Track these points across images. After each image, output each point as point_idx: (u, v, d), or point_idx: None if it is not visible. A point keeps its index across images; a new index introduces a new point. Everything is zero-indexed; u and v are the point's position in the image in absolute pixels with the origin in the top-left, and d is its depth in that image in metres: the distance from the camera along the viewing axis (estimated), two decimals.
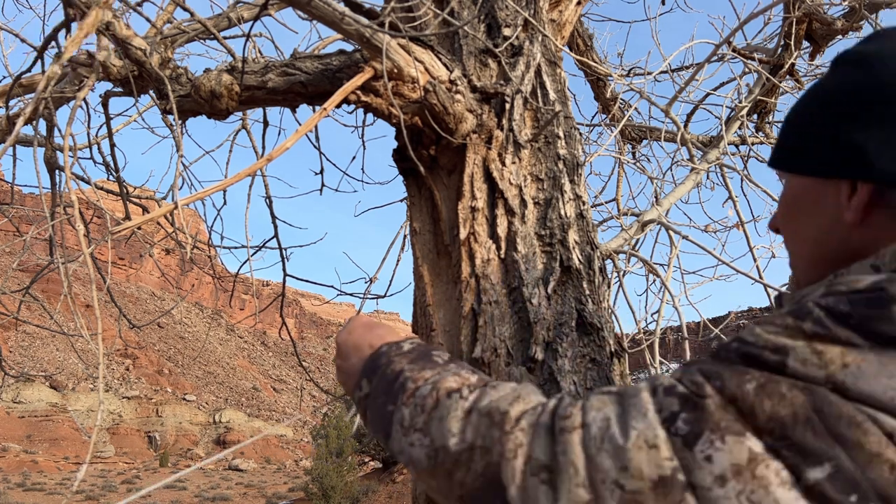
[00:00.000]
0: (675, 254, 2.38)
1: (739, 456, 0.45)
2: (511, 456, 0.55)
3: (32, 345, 65.24)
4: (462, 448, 0.59)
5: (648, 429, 0.49)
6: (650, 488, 0.46)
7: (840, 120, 0.64)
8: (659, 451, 0.47)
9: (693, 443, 0.47)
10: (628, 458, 0.48)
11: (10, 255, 31.16)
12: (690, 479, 0.46)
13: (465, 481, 0.58)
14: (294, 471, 53.96)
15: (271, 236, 2.07)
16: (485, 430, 0.58)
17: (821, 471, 0.43)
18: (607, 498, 0.47)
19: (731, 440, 0.46)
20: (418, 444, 0.63)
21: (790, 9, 2.56)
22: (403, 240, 2.11)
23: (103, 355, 1.14)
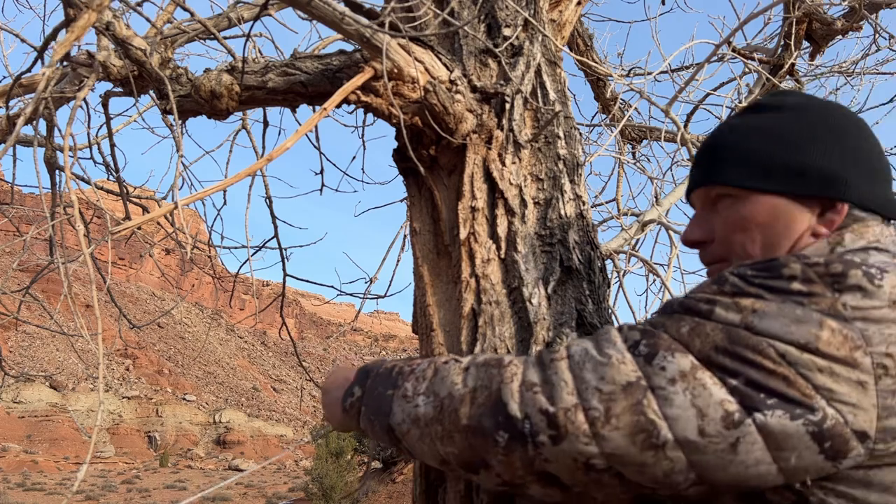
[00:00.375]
0: (675, 254, 2.38)
1: (684, 365, 0.64)
2: (509, 381, 0.70)
3: (32, 345, 65.24)
4: (465, 391, 0.73)
5: (618, 352, 0.67)
6: (621, 390, 0.64)
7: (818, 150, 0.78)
8: (626, 365, 0.66)
9: (651, 359, 0.65)
10: (604, 370, 0.66)
11: (10, 255, 31.19)
12: (650, 383, 0.64)
13: (470, 413, 0.71)
14: (294, 471, 53.96)
15: (271, 236, 2.07)
16: (483, 374, 0.74)
17: (736, 381, 0.62)
18: (590, 399, 0.65)
19: (679, 355, 0.64)
20: (423, 403, 0.76)
21: (790, 9, 2.56)
22: (403, 240, 2.11)
23: (103, 355, 1.14)
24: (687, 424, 0.62)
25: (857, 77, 2.92)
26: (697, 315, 0.66)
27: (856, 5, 2.58)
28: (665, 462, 0.63)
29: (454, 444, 0.73)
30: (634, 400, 0.63)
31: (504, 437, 0.68)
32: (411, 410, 0.77)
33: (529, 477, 0.69)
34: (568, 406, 0.65)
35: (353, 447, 21.30)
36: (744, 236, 0.82)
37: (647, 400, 0.63)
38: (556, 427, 0.65)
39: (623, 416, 0.63)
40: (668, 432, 0.62)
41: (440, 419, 0.74)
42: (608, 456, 0.64)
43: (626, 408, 0.63)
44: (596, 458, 0.64)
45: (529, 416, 0.67)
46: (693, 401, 0.62)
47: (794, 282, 0.64)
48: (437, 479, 1.14)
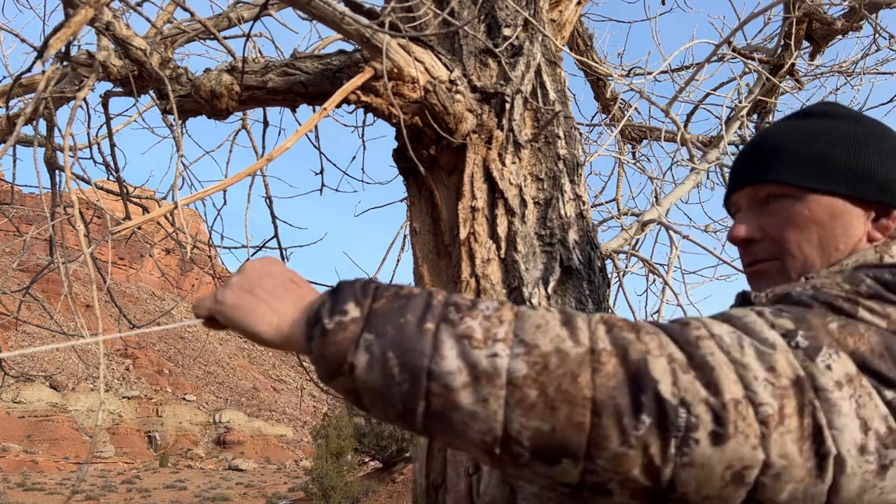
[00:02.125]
0: (675, 254, 2.38)
1: (850, 368, 0.55)
2: (657, 354, 0.55)
3: (32, 345, 65.27)
4: (583, 350, 0.55)
5: (777, 340, 0.56)
6: (792, 384, 0.53)
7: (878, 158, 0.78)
8: (790, 355, 0.55)
9: (815, 354, 0.55)
10: (774, 359, 0.54)
11: (10, 255, 31.19)
12: (815, 383, 0.54)
13: (595, 381, 0.54)
14: (294, 471, 53.96)
15: (271, 236, 2.07)
16: (604, 335, 0.57)
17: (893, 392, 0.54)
18: (761, 391, 0.53)
19: (844, 356, 0.55)
20: (507, 355, 0.55)
21: (790, 9, 2.56)
22: (403, 240, 2.11)
23: (103, 355, 1.14)
24: (852, 438, 0.52)
25: (857, 77, 2.92)
26: (840, 314, 0.58)
27: (856, 5, 2.58)
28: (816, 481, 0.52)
29: (553, 417, 0.53)
30: (806, 399, 0.53)
31: (645, 423, 0.52)
32: (484, 361, 0.55)
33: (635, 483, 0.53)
34: (737, 398, 0.52)
35: (353, 447, 21.31)
36: (800, 235, 0.80)
37: (819, 402, 0.53)
38: (722, 423, 0.51)
39: (793, 419, 0.52)
40: (832, 444, 0.52)
41: (541, 381, 0.54)
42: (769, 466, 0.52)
43: (795, 408, 0.53)
44: (754, 468, 0.52)
45: (688, 403, 0.52)
46: (858, 411, 0.53)
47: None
48: (437, 479, 1.14)
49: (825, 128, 0.82)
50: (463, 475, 1.08)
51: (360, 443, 21.86)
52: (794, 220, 0.80)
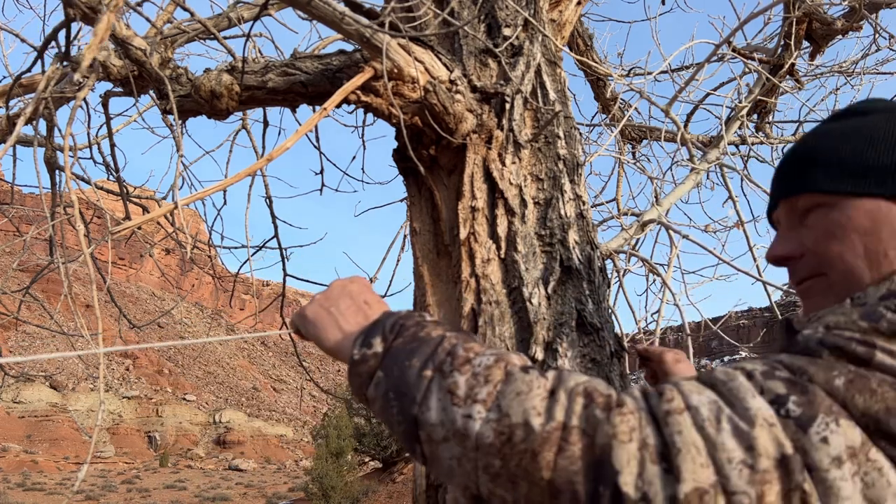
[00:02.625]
0: (675, 253, 2.38)
1: (853, 439, 0.46)
2: (626, 439, 0.50)
3: (32, 345, 65.25)
4: (552, 427, 0.52)
5: (760, 409, 0.48)
6: (775, 466, 0.46)
7: None
8: (776, 429, 0.47)
9: (808, 425, 0.46)
10: (753, 436, 0.47)
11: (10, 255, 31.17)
12: (806, 460, 0.46)
13: (557, 463, 0.51)
14: (294, 471, 53.97)
15: (271, 236, 2.07)
16: (581, 411, 0.53)
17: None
18: (734, 477, 0.46)
19: (845, 423, 0.46)
20: (480, 419, 0.55)
21: (790, 9, 2.56)
22: (403, 240, 2.11)
23: (103, 355, 1.14)
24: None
25: (857, 77, 2.92)
26: (853, 361, 0.49)
27: (856, 5, 2.58)
28: None
29: (514, 490, 0.53)
30: (794, 483, 0.45)
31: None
32: (458, 419, 0.56)
33: None
34: (703, 486, 0.46)
35: (353, 447, 21.32)
36: (841, 246, 0.70)
37: (809, 486, 0.45)
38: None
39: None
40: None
41: (504, 453, 0.53)
42: None
43: (779, 495, 0.45)
44: None
45: (648, 497, 0.47)
46: (864, 491, 0.45)
47: None
48: (437, 479, 1.14)
49: (859, 126, 0.74)
50: None
51: (360, 443, 21.87)
52: (833, 230, 0.72)
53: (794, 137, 2.99)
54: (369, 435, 22.11)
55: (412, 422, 0.60)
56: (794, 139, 2.98)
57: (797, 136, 3.00)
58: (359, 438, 21.88)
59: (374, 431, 22.10)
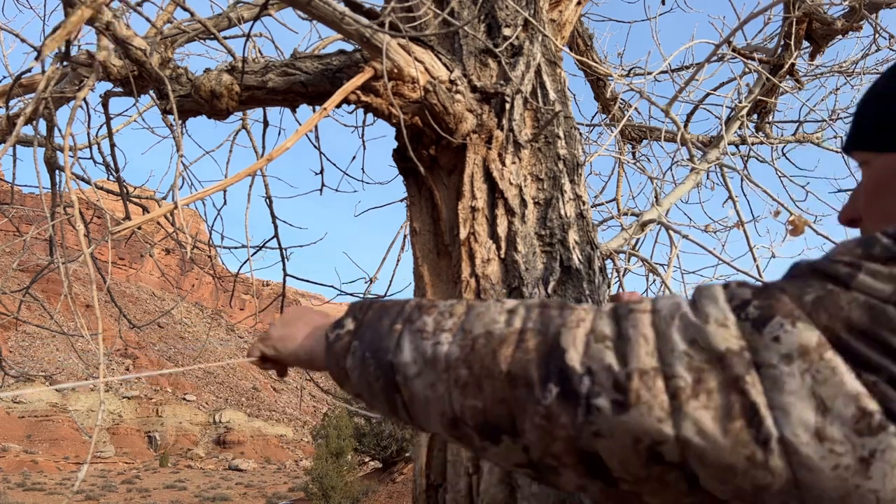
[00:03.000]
0: (675, 253, 2.38)
1: (808, 339, 0.46)
2: (573, 326, 0.54)
3: (32, 345, 65.27)
4: (510, 331, 0.57)
5: (719, 311, 0.50)
6: (715, 360, 0.48)
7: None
8: (728, 329, 0.49)
9: (762, 326, 0.48)
10: (697, 332, 0.49)
11: (10, 255, 31.24)
12: (756, 357, 0.47)
13: (515, 356, 0.55)
14: (294, 471, 53.97)
15: (271, 236, 2.07)
16: (537, 316, 0.58)
17: (876, 377, 0.44)
18: (675, 364, 0.49)
19: (802, 326, 0.47)
20: (447, 341, 0.60)
21: (790, 9, 2.56)
22: (403, 240, 2.11)
23: (103, 355, 1.14)
24: (800, 419, 0.45)
25: (857, 77, 2.92)
26: (833, 280, 0.49)
27: (856, 5, 2.58)
28: (760, 472, 0.46)
29: (481, 394, 0.56)
30: (733, 374, 0.47)
31: (552, 392, 0.52)
32: (428, 348, 0.61)
33: (568, 457, 0.53)
34: (645, 368, 0.49)
35: (353, 447, 21.32)
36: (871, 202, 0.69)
37: (751, 377, 0.47)
38: (623, 390, 0.49)
39: (716, 394, 0.47)
40: (772, 426, 0.45)
41: (469, 361, 0.57)
42: (685, 444, 0.47)
43: (721, 383, 0.47)
44: (667, 445, 0.48)
45: (592, 371, 0.51)
46: (813, 387, 0.45)
47: None
48: (437, 479, 1.14)
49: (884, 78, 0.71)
50: (463, 475, 1.08)
51: (360, 443, 21.87)
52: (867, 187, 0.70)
53: (794, 137, 2.99)
54: (369, 435, 22.11)
55: (389, 369, 0.63)
56: (794, 139, 2.99)
57: (797, 136, 3.00)
58: (359, 438, 21.88)
59: (374, 431, 22.10)
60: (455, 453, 1.11)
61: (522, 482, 1.00)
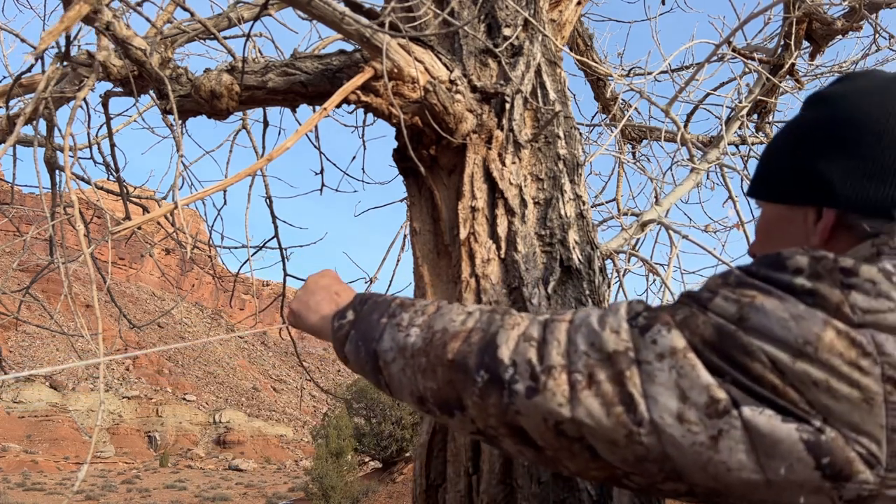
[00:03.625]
0: (675, 253, 2.38)
1: (677, 343, 0.59)
2: (510, 328, 0.69)
3: (32, 345, 65.27)
4: (461, 329, 0.72)
5: (615, 321, 0.64)
6: (606, 358, 0.61)
7: (808, 152, 0.75)
8: (619, 335, 0.62)
9: (645, 331, 0.61)
10: (596, 337, 0.63)
11: (10, 255, 31.28)
12: (638, 356, 0.60)
13: (459, 349, 0.69)
14: (294, 471, 53.97)
15: (271, 236, 2.07)
16: (485, 318, 0.72)
17: (721, 378, 0.56)
18: (576, 362, 0.62)
19: (675, 333, 0.59)
20: (414, 334, 0.74)
21: (790, 9, 2.56)
22: (403, 240, 2.11)
23: (104, 355, 1.14)
24: (666, 405, 0.57)
25: None
26: (696, 303, 0.62)
27: (856, 5, 2.58)
28: (637, 446, 0.58)
29: (435, 378, 0.70)
30: (617, 370, 0.60)
31: (483, 377, 0.66)
32: (401, 339, 0.75)
33: (502, 428, 0.66)
34: (554, 364, 0.63)
35: (353, 447, 21.31)
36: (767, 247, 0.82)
37: (631, 372, 0.59)
38: (535, 379, 0.63)
39: (604, 385, 0.60)
40: (644, 411, 0.57)
41: (427, 351, 0.72)
42: (579, 423, 0.60)
43: (608, 377, 0.60)
44: (567, 424, 0.61)
45: (516, 363, 0.64)
46: (677, 380, 0.57)
47: (799, 276, 0.58)
48: (437, 479, 1.14)
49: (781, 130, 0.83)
50: (463, 475, 1.08)
51: (360, 443, 21.86)
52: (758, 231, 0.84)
53: None
54: (369, 435, 22.11)
55: (373, 355, 0.78)
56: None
57: None
58: (359, 438, 21.87)
59: (373, 431, 22.09)
60: (455, 453, 1.12)
61: (523, 482, 1.00)
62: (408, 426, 21.56)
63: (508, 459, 1.03)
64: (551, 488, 0.98)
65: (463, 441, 1.10)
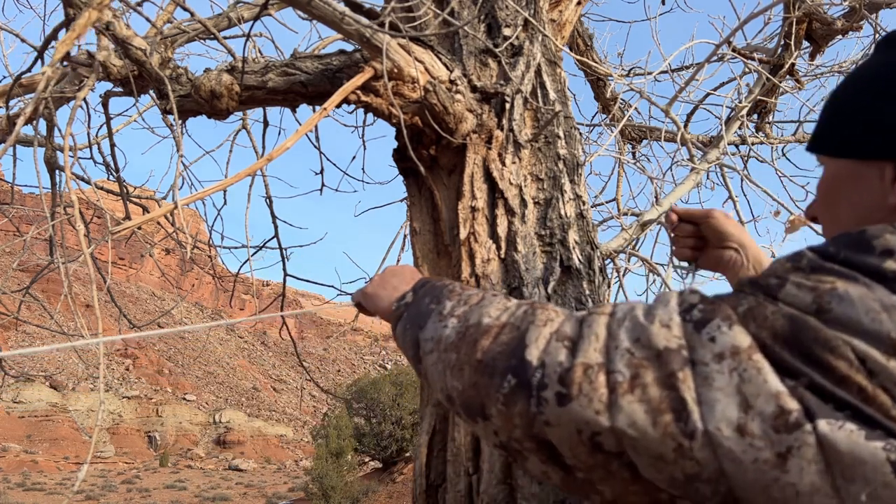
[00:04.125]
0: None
1: (741, 341, 0.49)
2: (540, 324, 0.60)
3: (32, 345, 65.29)
4: (494, 324, 0.64)
5: (666, 314, 0.55)
6: (654, 356, 0.52)
7: (881, 100, 0.63)
8: (670, 330, 0.53)
9: (702, 327, 0.52)
10: (641, 332, 0.54)
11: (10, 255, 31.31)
12: (692, 355, 0.51)
13: (488, 347, 0.62)
14: (294, 471, 53.97)
15: (271, 236, 2.07)
16: (521, 315, 0.64)
17: (796, 382, 0.47)
18: (617, 360, 0.53)
19: (738, 329, 0.50)
20: (451, 326, 0.68)
21: (790, 9, 2.56)
22: (403, 240, 2.11)
23: (103, 355, 1.14)
24: (724, 415, 0.47)
25: None
26: (763, 292, 0.52)
27: (856, 5, 2.58)
28: (688, 462, 0.48)
29: (462, 378, 0.63)
30: (667, 371, 0.50)
31: (510, 382, 0.57)
32: (439, 330, 0.69)
33: (528, 442, 0.57)
34: (590, 363, 0.54)
35: (353, 447, 21.32)
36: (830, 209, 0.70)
37: (684, 374, 0.50)
38: (566, 384, 0.53)
39: (650, 388, 0.50)
40: (698, 420, 0.48)
41: (457, 347, 0.65)
42: (620, 434, 0.51)
43: (656, 379, 0.51)
44: (604, 435, 0.52)
45: (545, 365, 0.56)
46: (739, 385, 0.48)
47: (889, 259, 0.49)
48: (437, 479, 1.14)
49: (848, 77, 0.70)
50: (463, 475, 1.08)
51: (360, 443, 21.86)
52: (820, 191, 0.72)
53: (794, 137, 2.99)
54: (369, 435, 22.11)
55: (416, 343, 0.73)
56: (794, 139, 2.99)
57: (797, 136, 3.00)
58: (359, 438, 21.88)
59: (373, 431, 22.10)
60: (455, 453, 1.12)
61: (523, 482, 1.00)
62: (408, 426, 21.58)
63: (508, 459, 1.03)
64: (551, 489, 0.98)
65: (463, 441, 1.10)
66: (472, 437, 1.09)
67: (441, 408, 1.19)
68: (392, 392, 22.54)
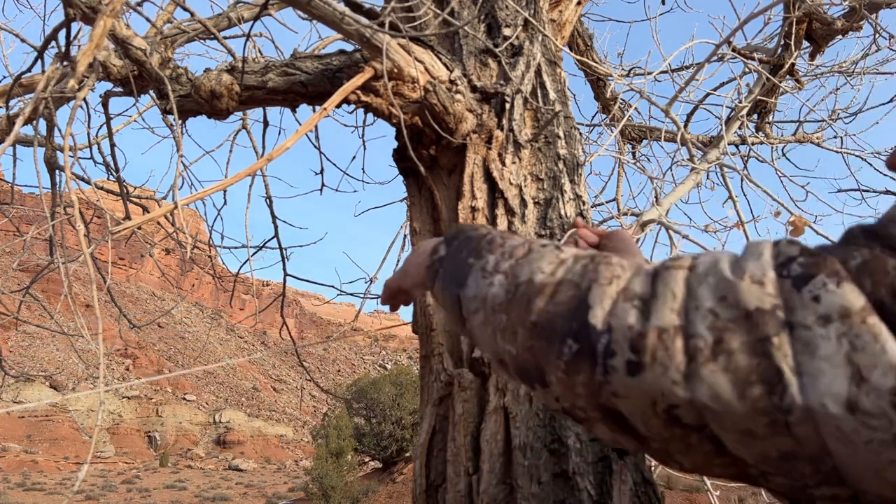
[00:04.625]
0: (675, 253, 2.38)
1: (853, 301, 0.41)
2: (605, 283, 0.52)
3: (32, 345, 65.27)
4: (549, 281, 0.56)
5: (758, 268, 0.46)
6: (742, 318, 0.44)
7: None
8: (763, 287, 0.45)
9: (803, 284, 0.43)
10: (728, 289, 0.46)
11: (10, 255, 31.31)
12: (790, 317, 0.43)
13: (544, 308, 0.54)
14: (294, 471, 53.97)
15: (271, 236, 2.07)
16: (580, 271, 0.55)
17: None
18: (697, 323, 0.45)
19: (848, 287, 0.42)
20: (498, 284, 0.61)
21: (790, 9, 2.56)
22: (403, 240, 2.11)
23: (103, 355, 1.14)
24: (830, 388, 0.40)
25: (857, 77, 2.92)
26: (881, 242, 0.44)
27: (856, 5, 2.58)
28: (784, 439, 0.42)
29: (515, 341, 0.56)
30: (759, 335, 0.43)
31: (572, 348, 0.50)
32: (484, 288, 0.61)
33: (593, 412, 0.51)
34: (665, 326, 0.46)
35: (353, 447, 21.32)
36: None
37: (779, 339, 0.42)
38: (638, 351, 0.46)
39: (737, 356, 0.43)
40: (797, 394, 0.41)
41: (508, 307, 0.58)
42: (701, 408, 0.44)
43: (744, 345, 0.43)
44: (683, 408, 0.45)
45: (612, 329, 0.48)
46: (850, 354, 0.40)
47: None
48: (437, 479, 1.14)
49: None
50: (463, 475, 1.08)
51: (360, 443, 21.87)
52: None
53: (794, 137, 2.99)
54: (369, 435, 22.11)
55: (457, 302, 0.66)
56: (794, 139, 2.99)
57: (797, 136, 3.00)
58: (359, 438, 21.88)
59: (373, 431, 22.10)
60: (455, 453, 1.11)
61: (523, 482, 1.00)
62: (408, 426, 21.59)
63: (508, 459, 1.03)
64: (551, 488, 0.98)
65: (463, 441, 1.10)
66: (472, 437, 1.09)
67: (441, 407, 1.19)
68: (392, 392, 22.55)
